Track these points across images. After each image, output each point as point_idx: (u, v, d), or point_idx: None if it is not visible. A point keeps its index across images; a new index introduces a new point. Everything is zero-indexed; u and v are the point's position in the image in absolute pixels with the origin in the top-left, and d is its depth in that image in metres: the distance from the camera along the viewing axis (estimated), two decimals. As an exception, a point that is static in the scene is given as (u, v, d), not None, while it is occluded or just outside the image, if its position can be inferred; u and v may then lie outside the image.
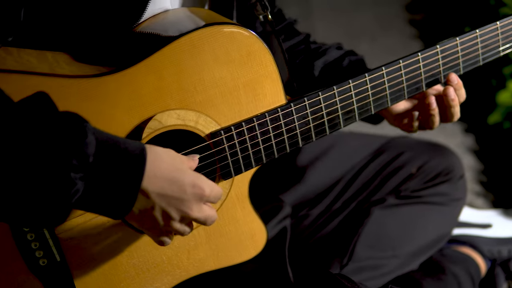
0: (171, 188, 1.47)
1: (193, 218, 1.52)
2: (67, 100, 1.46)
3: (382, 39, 4.37)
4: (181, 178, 1.48)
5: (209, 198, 1.53)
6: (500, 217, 2.73)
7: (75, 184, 1.33)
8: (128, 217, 1.49)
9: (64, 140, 1.32)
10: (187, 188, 1.49)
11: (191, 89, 1.61)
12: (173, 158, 1.50)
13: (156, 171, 1.45)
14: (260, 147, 1.72)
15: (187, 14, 1.72)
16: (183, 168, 1.50)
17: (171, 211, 1.49)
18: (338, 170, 2.30)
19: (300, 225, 2.24)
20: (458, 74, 1.93)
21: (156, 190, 1.45)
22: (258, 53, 1.66)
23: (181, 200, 1.49)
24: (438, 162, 2.34)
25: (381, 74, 1.80)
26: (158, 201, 1.46)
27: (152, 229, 1.53)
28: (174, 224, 1.52)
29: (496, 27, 1.91)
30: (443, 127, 3.49)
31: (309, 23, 4.59)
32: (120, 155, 1.39)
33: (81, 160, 1.33)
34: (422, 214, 2.29)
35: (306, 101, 1.73)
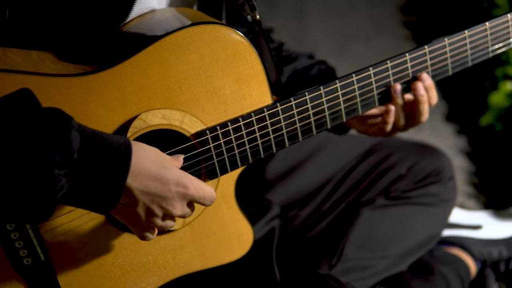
0: (155, 186, 1.47)
1: (176, 215, 1.53)
2: (51, 99, 1.46)
3: (376, 40, 4.37)
4: (165, 175, 1.48)
5: (194, 197, 1.53)
6: (491, 219, 2.72)
7: (59, 180, 1.33)
8: (113, 211, 1.49)
9: (47, 137, 1.32)
10: (171, 186, 1.49)
11: (176, 89, 1.60)
12: (158, 155, 1.49)
13: (141, 167, 1.44)
14: (246, 147, 1.71)
15: (174, 14, 1.72)
16: (168, 165, 1.50)
17: (154, 208, 1.49)
18: (327, 170, 2.30)
19: (290, 225, 2.24)
20: (447, 74, 1.92)
21: (139, 187, 1.45)
22: (244, 52, 1.66)
23: (165, 197, 1.49)
24: (428, 163, 2.34)
25: (368, 75, 1.80)
26: (142, 198, 1.46)
27: (134, 224, 1.53)
28: (157, 221, 1.52)
29: (485, 27, 1.90)
30: (435, 128, 3.51)
31: (303, 23, 4.59)
32: (105, 152, 1.39)
33: (65, 156, 1.33)
34: (411, 215, 2.28)
35: (293, 101, 1.73)
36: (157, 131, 1.63)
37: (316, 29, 4.55)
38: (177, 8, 1.75)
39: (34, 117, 1.34)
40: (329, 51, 4.27)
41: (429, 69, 1.87)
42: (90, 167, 1.37)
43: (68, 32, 1.59)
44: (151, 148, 1.49)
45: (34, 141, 1.31)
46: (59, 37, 1.59)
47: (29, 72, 1.46)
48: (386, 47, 4.26)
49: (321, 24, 4.61)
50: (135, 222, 1.52)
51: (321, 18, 4.70)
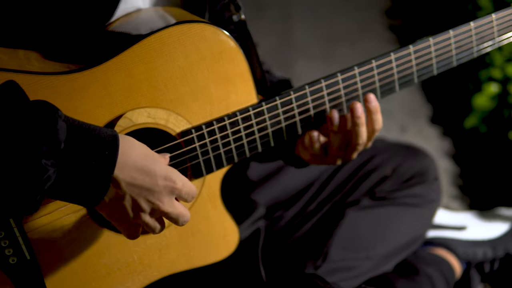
0: (142, 178, 1.46)
1: (164, 211, 1.52)
2: (35, 96, 1.45)
3: (361, 44, 4.38)
4: (152, 168, 1.47)
5: (181, 193, 1.52)
6: (476, 220, 2.74)
7: (47, 170, 1.33)
8: (98, 207, 1.48)
9: (34, 127, 1.32)
10: (159, 180, 1.48)
11: (162, 87, 1.61)
12: (146, 149, 1.49)
13: (128, 159, 1.44)
14: (232, 146, 1.72)
15: (159, 13, 1.72)
16: (155, 159, 1.49)
17: (141, 202, 1.48)
18: (312, 172, 2.30)
19: (275, 226, 2.24)
20: (432, 74, 1.91)
21: (126, 179, 1.44)
22: (230, 51, 1.66)
23: (152, 191, 1.48)
24: (412, 163, 2.35)
25: (353, 74, 1.80)
26: (129, 190, 1.46)
27: (121, 220, 1.52)
28: (144, 216, 1.51)
29: (469, 27, 1.90)
30: (420, 131, 3.52)
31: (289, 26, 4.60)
32: (92, 142, 1.39)
33: (52, 146, 1.33)
34: (396, 215, 2.29)
35: (278, 101, 1.73)
36: (142, 129, 1.63)
37: (302, 32, 4.56)
38: (163, 7, 1.76)
39: (20, 108, 1.34)
40: (315, 54, 4.28)
41: (414, 69, 1.87)
42: (77, 158, 1.37)
43: (53, 30, 1.59)
44: (139, 142, 1.49)
45: (20, 131, 1.31)
46: (45, 35, 1.59)
47: (14, 70, 1.46)
48: (371, 50, 4.27)
49: (307, 27, 4.62)
50: (122, 219, 1.51)
51: (307, 22, 4.71)
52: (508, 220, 2.70)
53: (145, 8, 1.74)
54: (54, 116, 1.34)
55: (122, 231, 1.55)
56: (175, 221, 1.55)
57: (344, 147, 1.83)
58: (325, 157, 1.87)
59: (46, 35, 1.59)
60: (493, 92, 3.29)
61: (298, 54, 4.30)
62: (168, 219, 1.55)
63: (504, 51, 3.35)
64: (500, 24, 1.93)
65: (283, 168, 2.30)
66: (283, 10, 4.83)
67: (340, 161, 1.88)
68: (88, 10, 1.60)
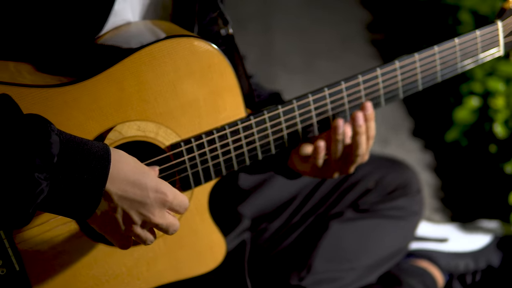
0: (133, 191, 1.47)
1: (155, 223, 1.53)
2: (27, 109, 1.46)
3: (343, 58, 4.41)
4: (144, 181, 1.49)
5: (172, 205, 1.54)
6: (457, 232, 2.76)
7: (40, 184, 1.34)
8: (90, 220, 1.50)
9: (28, 140, 1.33)
10: (150, 192, 1.49)
11: (152, 101, 1.62)
12: (137, 162, 1.51)
13: (120, 173, 1.46)
14: (220, 159, 1.73)
15: (148, 26, 1.73)
16: (146, 172, 1.51)
17: (133, 214, 1.49)
18: (296, 184, 2.32)
19: (260, 238, 2.25)
20: (417, 90, 1.94)
21: (118, 192, 1.46)
22: (219, 65, 1.68)
23: (143, 203, 1.49)
24: (395, 176, 2.37)
25: (340, 89, 1.82)
26: (120, 203, 1.47)
27: (113, 232, 1.53)
28: (135, 228, 1.52)
29: (454, 44, 1.92)
30: (401, 144, 3.55)
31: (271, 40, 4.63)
32: (84, 156, 1.40)
33: (45, 160, 1.34)
34: (379, 227, 2.31)
35: (266, 115, 1.75)
36: (132, 142, 1.64)
37: (284, 46, 4.59)
38: (152, 21, 1.77)
39: (14, 121, 1.35)
40: (296, 68, 4.31)
41: (400, 84, 1.89)
42: (70, 171, 1.38)
43: (44, 43, 1.60)
44: (130, 156, 1.50)
45: (14, 144, 1.33)
46: (35, 48, 1.60)
47: (5, 83, 1.47)
48: (353, 64, 4.30)
49: (289, 41, 4.65)
50: (114, 231, 1.52)
51: (289, 35, 4.73)
52: (490, 232, 2.73)
53: (134, 22, 1.75)
54: (47, 130, 1.36)
55: (114, 242, 1.55)
56: (166, 231, 1.57)
57: (343, 159, 1.86)
58: (324, 169, 1.89)
59: (37, 48, 1.60)
60: (474, 106, 3.33)
61: (280, 67, 4.33)
62: (159, 230, 1.57)
63: (485, 65, 3.39)
64: (484, 40, 1.96)
65: (268, 180, 2.31)
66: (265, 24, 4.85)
67: (337, 174, 1.90)
68: (78, 23, 1.61)
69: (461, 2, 4.01)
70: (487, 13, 3.78)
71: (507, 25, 1.98)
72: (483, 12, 3.81)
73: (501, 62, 3.34)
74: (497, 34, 1.97)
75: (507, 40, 2.00)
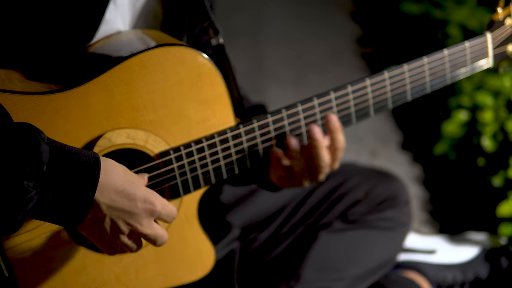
0: (121, 201, 1.48)
1: (142, 233, 1.54)
2: (17, 116, 1.47)
3: (333, 71, 4.43)
4: (132, 191, 1.49)
5: (160, 215, 1.54)
6: (445, 243, 2.77)
7: (29, 191, 1.34)
8: (79, 227, 1.50)
9: (17, 148, 1.34)
10: (138, 203, 1.50)
11: (142, 109, 1.63)
12: (126, 171, 1.51)
13: (109, 182, 1.46)
14: (209, 167, 1.74)
15: (139, 35, 1.74)
16: (135, 182, 1.51)
17: (121, 224, 1.50)
18: (286, 194, 2.32)
19: (249, 248, 2.26)
20: (406, 101, 1.95)
21: (107, 202, 1.46)
22: (209, 74, 1.69)
23: (131, 214, 1.50)
24: (383, 188, 2.37)
25: (329, 99, 1.83)
26: (109, 213, 1.48)
27: (101, 239, 1.54)
28: (123, 237, 1.53)
29: (443, 55, 1.94)
30: (390, 157, 3.57)
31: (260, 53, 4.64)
32: (74, 165, 1.41)
33: (35, 168, 1.35)
34: (368, 238, 2.31)
35: (255, 123, 1.76)
36: (121, 150, 1.65)
37: (273, 59, 4.60)
38: (142, 30, 1.78)
39: (4, 129, 1.36)
40: (286, 81, 4.32)
41: (389, 94, 1.90)
42: (59, 180, 1.39)
43: (34, 51, 1.61)
44: (119, 165, 1.51)
45: (3, 152, 1.33)
46: (26, 56, 1.61)
47: None
48: (343, 78, 4.31)
49: (278, 54, 4.66)
50: (101, 238, 1.53)
51: (279, 48, 4.75)
52: (478, 244, 2.75)
53: (125, 31, 1.76)
54: (37, 139, 1.36)
55: (102, 248, 1.57)
56: (153, 242, 1.58)
57: (307, 169, 1.85)
58: (291, 179, 1.89)
59: (27, 55, 1.61)
60: (462, 120, 3.34)
61: (270, 80, 4.34)
62: (146, 240, 1.58)
63: (474, 79, 3.41)
64: (474, 52, 1.97)
65: (257, 190, 2.32)
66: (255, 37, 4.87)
67: (307, 183, 1.89)
68: (70, 31, 1.62)
69: (449, 17, 4.04)
70: (475, 28, 3.82)
71: (497, 37, 2.00)
72: (471, 26, 3.84)
73: (490, 76, 3.36)
74: (486, 45, 1.99)
75: (496, 51, 2.01)
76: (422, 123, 3.74)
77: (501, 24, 2.00)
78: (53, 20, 1.59)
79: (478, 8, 4.09)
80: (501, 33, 2.00)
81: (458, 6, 4.17)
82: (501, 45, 2.02)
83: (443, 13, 4.16)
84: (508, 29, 2.01)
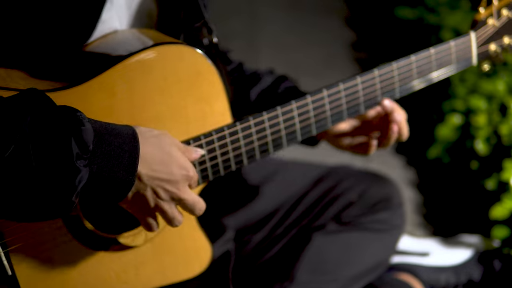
0: (160, 169, 1.54)
1: (182, 198, 1.59)
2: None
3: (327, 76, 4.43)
4: (169, 160, 1.56)
5: (192, 180, 1.61)
6: (439, 246, 2.78)
7: (80, 171, 1.38)
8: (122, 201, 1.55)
9: (65, 131, 1.38)
10: (175, 169, 1.56)
11: (141, 107, 1.64)
12: (162, 140, 1.57)
13: (147, 154, 1.52)
14: (207, 164, 1.75)
15: (135, 35, 1.76)
16: (171, 150, 1.57)
17: (160, 192, 1.56)
18: (280, 196, 2.33)
19: (244, 249, 2.27)
20: (394, 98, 2.00)
21: (147, 173, 1.52)
22: (207, 72, 1.71)
23: (170, 180, 1.56)
24: (377, 190, 2.38)
25: (322, 96, 1.86)
26: (149, 182, 1.54)
27: (141, 211, 1.60)
28: (163, 204, 1.58)
29: (429, 54, 2.00)
30: (384, 160, 3.58)
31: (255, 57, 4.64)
32: (115, 140, 1.46)
33: (82, 148, 1.39)
34: (361, 240, 2.32)
35: (252, 121, 1.78)
36: None
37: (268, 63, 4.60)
38: (139, 29, 1.80)
39: (50, 113, 1.39)
40: (281, 85, 4.32)
41: (379, 92, 1.96)
42: (105, 156, 1.44)
43: (33, 50, 1.62)
44: (156, 133, 1.57)
45: (53, 135, 1.37)
46: (25, 55, 1.62)
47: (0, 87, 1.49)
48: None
49: (273, 59, 4.67)
50: (142, 209, 1.59)
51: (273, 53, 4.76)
52: (471, 247, 2.76)
53: (121, 30, 1.78)
54: (79, 119, 1.40)
55: (141, 220, 1.62)
56: (192, 208, 1.63)
57: None
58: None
59: (27, 54, 1.62)
60: (455, 124, 3.36)
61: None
62: (184, 208, 1.63)
63: (467, 83, 3.43)
64: (459, 50, 2.02)
65: (252, 192, 2.33)
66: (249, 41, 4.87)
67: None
68: (67, 31, 1.63)
69: (443, 22, 4.06)
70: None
71: (480, 36, 2.04)
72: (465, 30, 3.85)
73: (483, 80, 3.38)
74: (470, 44, 2.03)
75: (480, 50, 2.06)
76: (416, 127, 3.75)
77: (483, 23, 2.04)
78: (50, 19, 1.60)
79: (471, 12, 4.11)
80: (484, 32, 2.04)
81: (452, 11, 4.19)
82: (484, 44, 2.07)
83: (437, 18, 4.18)
84: (490, 28, 2.05)
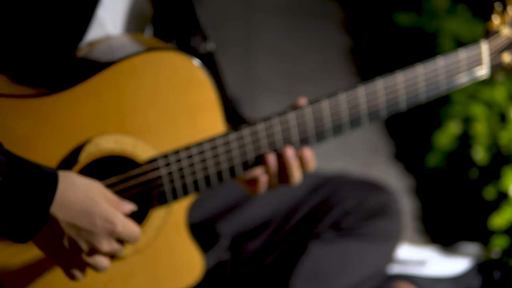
0: (80, 219, 1.46)
1: (102, 251, 1.52)
2: (2, 119, 1.46)
3: (325, 82, 4.43)
4: (93, 210, 1.48)
5: (121, 235, 1.53)
6: (438, 256, 2.77)
7: None
8: (38, 244, 1.49)
9: None
10: (98, 221, 1.48)
11: (131, 114, 1.61)
12: (90, 189, 1.49)
13: (68, 199, 1.45)
14: (198, 174, 1.72)
15: (129, 40, 1.74)
16: (98, 200, 1.49)
17: (80, 242, 1.49)
18: (277, 204, 2.32)
19: (239, 257, 2.25)
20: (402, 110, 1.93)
21: (65, 219, 1.45)
22: (199, 80, 1.67)
23: (91, 232, 1.49)
24: (375, 198, 2.37)
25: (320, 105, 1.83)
26: (68, 230, 1.46)
27: (59, 258, 1.53)
28: (84, 256, 1.52)
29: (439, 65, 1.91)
30: (382, 167, 3.56)
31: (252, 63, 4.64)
32: (30, 178, 1.39)
33: None
34: (358, 249, 2.30)
35: (247, 130, 1.74)
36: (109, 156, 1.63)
37: (265, 69, 4.60)
38: (132, 35, 1.77)
39: None
40: (277, 91, 4.31)
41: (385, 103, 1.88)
42: (14, 192, 1.37)
43: (22, 55, 1.59)
44: (85, 180, 1.49)
45: None
46: (13, 59, 1.59)
47: None
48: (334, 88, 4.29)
49: (270, 64, 4.66)
50: (60, 257, 1.52)
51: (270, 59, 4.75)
52: (470, 256, 2.74)
53: (114, 35, 1.75)
54: None
55: (62, 268, 1.55)
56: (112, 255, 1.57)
57: None
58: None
59: (14, 59, 1.59)
60: (454, 132, 3.34)
61: (261, 90, 4.33)
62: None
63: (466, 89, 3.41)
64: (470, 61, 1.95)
65: (247, 200, 2.31)
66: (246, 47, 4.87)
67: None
68: (58, 35, 1.61)
69: (442, 28, 4.04)
70: (467, 38, 3.82)
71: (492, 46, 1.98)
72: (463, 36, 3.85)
73: (482, 87, 3.35)
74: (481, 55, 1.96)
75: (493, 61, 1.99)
76: (414, 134, 3.74)
77: (496, 33, 1.98)
78: (41, 22, 1.58)
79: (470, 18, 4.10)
80: (497, 42, 1.98)
81: (450, 17, 4.18)
82: (497, 54, 2.01)
83: (436, 24, 4.16)
84: (504, 38, 1.99)
